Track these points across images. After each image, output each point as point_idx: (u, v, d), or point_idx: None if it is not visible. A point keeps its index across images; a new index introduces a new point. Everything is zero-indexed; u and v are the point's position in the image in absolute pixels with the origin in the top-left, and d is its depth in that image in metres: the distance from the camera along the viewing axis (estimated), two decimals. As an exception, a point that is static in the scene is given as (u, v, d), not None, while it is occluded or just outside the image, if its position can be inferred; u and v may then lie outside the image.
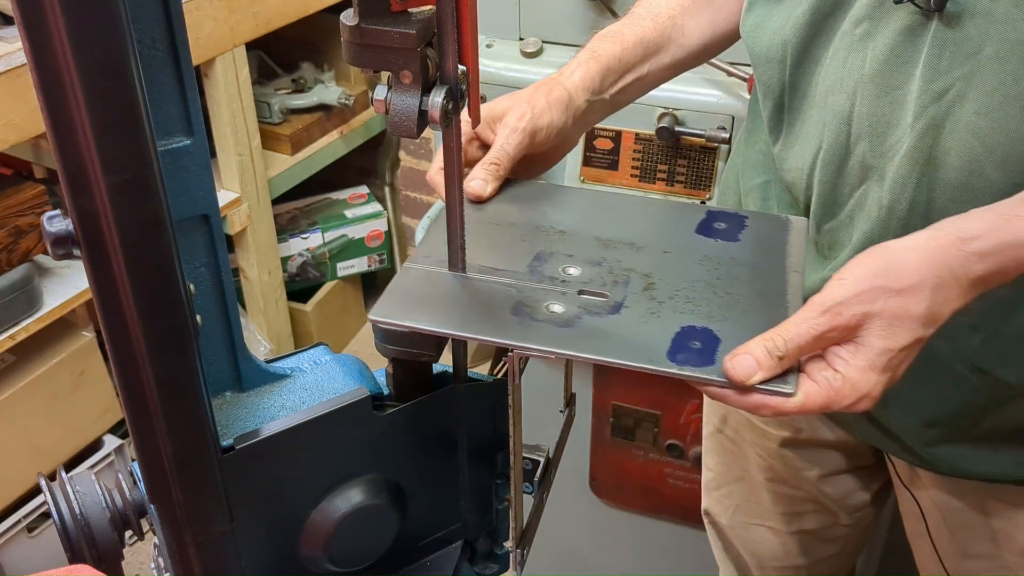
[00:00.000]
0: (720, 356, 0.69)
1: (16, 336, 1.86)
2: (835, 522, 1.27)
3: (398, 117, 0.68)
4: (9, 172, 2.12)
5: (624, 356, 0.70)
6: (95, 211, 0.53)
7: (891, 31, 0.82)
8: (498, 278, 0.78)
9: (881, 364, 0.69)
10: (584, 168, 1.54)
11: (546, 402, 1.04)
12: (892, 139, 0.84)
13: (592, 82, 0.96)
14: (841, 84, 0.86)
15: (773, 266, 0.80)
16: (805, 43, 0.90)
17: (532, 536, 0.85)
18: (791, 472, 1.23)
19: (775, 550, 1.32)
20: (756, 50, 0.95)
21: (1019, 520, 1.03)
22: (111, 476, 1.27)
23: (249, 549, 0.73)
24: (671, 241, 0.83)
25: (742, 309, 0.75)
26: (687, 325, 0.73)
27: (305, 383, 0.81)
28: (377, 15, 0.65)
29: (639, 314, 0.74)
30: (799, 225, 0.86)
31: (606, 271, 0.79)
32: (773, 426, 1.21)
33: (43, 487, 0.72)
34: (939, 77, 0.79)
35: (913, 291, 0.69)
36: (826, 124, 0.88)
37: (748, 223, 0.86)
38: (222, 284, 0.75)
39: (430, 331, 0.73)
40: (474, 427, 0.83)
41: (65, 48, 0.48)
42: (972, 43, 0.77)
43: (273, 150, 2.48)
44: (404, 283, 0.78)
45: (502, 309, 0.74)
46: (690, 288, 0.77)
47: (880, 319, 0.68)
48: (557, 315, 0.74)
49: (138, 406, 0.61)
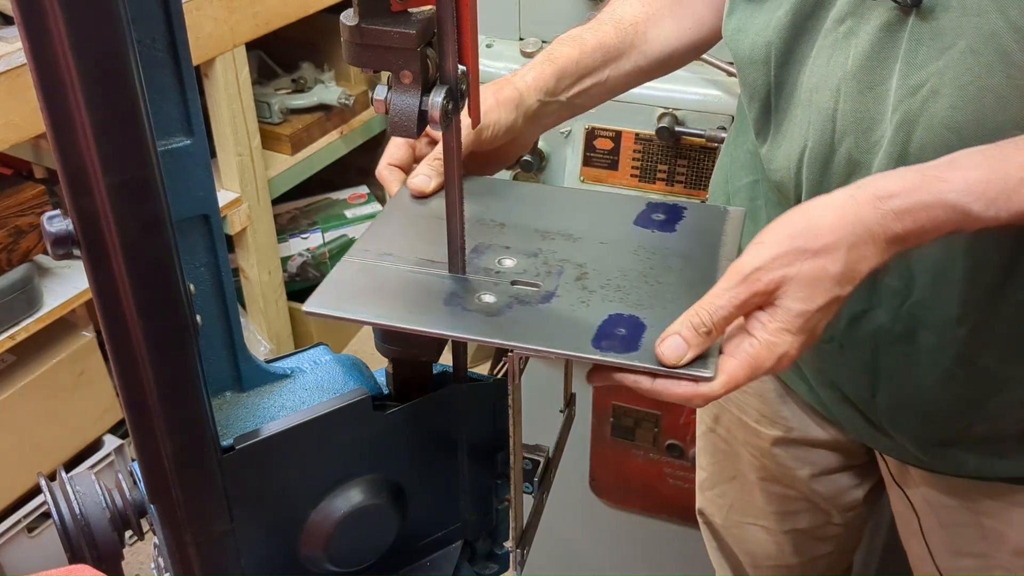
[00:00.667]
0: (645, 342, 0.70)
1: (16, 336, 1.86)
2: (828, 521, 1.27)
3: (398, 117, 0.68)
4: (9, 172, 2.12)
5: (548, 344, 0.71)
6: (95, 211, 0.53)
7: (872, 27, 0.82)
8: (435, 270, 0.79)
9: (797, 326, 0.69)
10: (584, 168, 1.54)
11: (546, 402, 1.04)
12: (876, 135, 0.84)
13: (546, 83, 0.96)
14: (825, 82, 0.87)
15: (706, 255, 0.81)
16: (788, 43, 0.90)
17: (532, 536, 0.85)
18: (783, 471, 1.23)
19: (769, 549, 1.32)
20: (740, 52, 0.96)
21: (1011, 518, 1.03)
22: (111, 476, 1.27)
23: (249, 549, 0.73)
24: (608, 232, 0.85)
25: (671, 297, 0.76)
26: (615, 313, 0.74)
27: (305, 383, 0.81)
28: (377, 15, 0.65)
29: (569, 303, 0.75)
30: (736, 215, 0.87)
31: (541, 262, 0.80)
32: (765, 425, 1.21)
33: (43, 487, 0.72)
34: (915, 72, 0.80)
35: (829, 251, 0.69)
36: (811, 122, 0.89)
37: (686, 214, 0.87)
38: (222, 284, 0.75)
39: (360, 321, 0.75)
40: (474, 427, 0.83)
41: (65, 48, 0.48)
42: (947, 37, 0.78)
43: (273, 150, 2.48)
44: (341, 275, 0.78)
45: (435, 300, 0.76)
46: (622, 277, 0.78)
47: (797, 282, 0.69)
48: (488, 305, 0.75)
49: (138, 406, 0.61)
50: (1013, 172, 0.71)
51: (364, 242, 0.82)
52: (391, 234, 0.84)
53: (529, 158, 1.52)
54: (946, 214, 0.71)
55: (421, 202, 0.88)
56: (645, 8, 1.04)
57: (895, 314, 0.93)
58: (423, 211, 0.87)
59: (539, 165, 1.54)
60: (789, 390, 1.16)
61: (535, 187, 1.05)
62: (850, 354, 0.99)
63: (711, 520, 1.38)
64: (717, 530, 1.39)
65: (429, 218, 0.86)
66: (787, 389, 1.17)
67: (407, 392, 0.81)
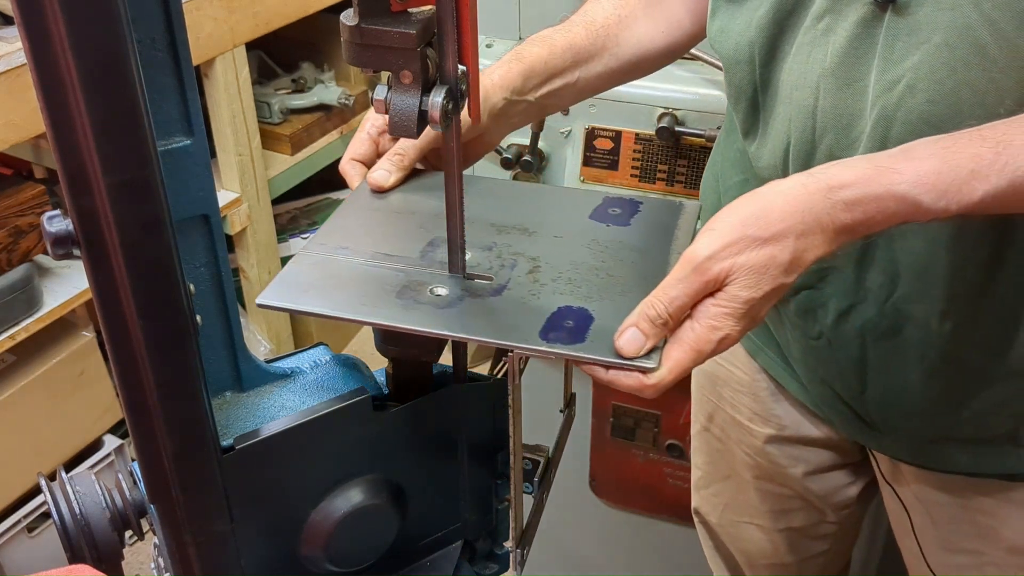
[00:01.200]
0: (591, 334, 0.71)
1: (16, 336, 1.86)
2: (822, 519, 1.28)
3: (398, 117, 0.68)
4: (9, 172, 2.12)
5: (496, 335, 0.72)
6: (95, 211, 0.53)
7: (849, 23, 0.83)
8: (390, 264, 0.79)
9: (741, 312, 0.70)
10: (584, 168, 1.54)
11: (546, 402, 1.04)
12: (856, 131, 0.85)
13: (512, 82, 0.96)
14: (805, 79, 0.87)
15: (659, 249, 0.82)
16: (771, 42, 0.90)
17: (532, 536, 0.85)
18: (777, 469, 1.23)
19: (764, 548, 1.33)
20: (724, 53, 0.96)
21: (1005, 515, 1.03)
22: (111, 476, 1.27)
23: (249, 549, 0.73)
24: (564, 226, 0.85)
25: (620, 289, 0.77)
26: (564, 306, 0.74)
27: (305, 383, 0.81)
28: (377, 15, 0.65)
29: (519, 296, 0.76)
30: (691, 209, 0.88)
31: (495, 255, 0.81)
32: (758, 423, 1.21)
33: (43, 487, 0.72)
34: (892, 67, 0.80)
35: (778, 239, 0.70)
36: (792, 119, 0.89)
37: (642, 208, 0.88)
38: (222, 284, 0.75)
39: (312, 313, 0.75)
40: (474, 427, 0.83)
41: (65, 48, 0.48)
42: (923, 32, 0.78)
43: (273, 150, 2.48)
44: (296, 269, 0.79)
45: (387, 293, 0.76)
46: (573, 271, 0.79)
47: (745, 270, 0.70)
48: (440, 297, 0.76)
49: (138, 406, 0.61)
50: (964, 163, 0.71)
51: (321, 236, 0.83)
52: (349, 228, 0.84)
53: (529, 158, 1.52)
54: (896, 205, 0.71)
55: (380, 197, 0.89)
56: (618, 10, 1.04)
57: (880, 309, 0.93)
58: (382, 205, 0.88)
59: (539, 165, 1.54)
60: (782, 388, 1.17)
61: (495, 182, 1.06)
62: (838, 351, 0.99)
63: (707, 519, 1.39)
64: (713, 529, 1.39)
65: (387, 212, 0.87)
66: (780, 387, 1.17)
67: (407, 392, 0.81)
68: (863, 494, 1.26)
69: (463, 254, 0.78)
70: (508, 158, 1.52)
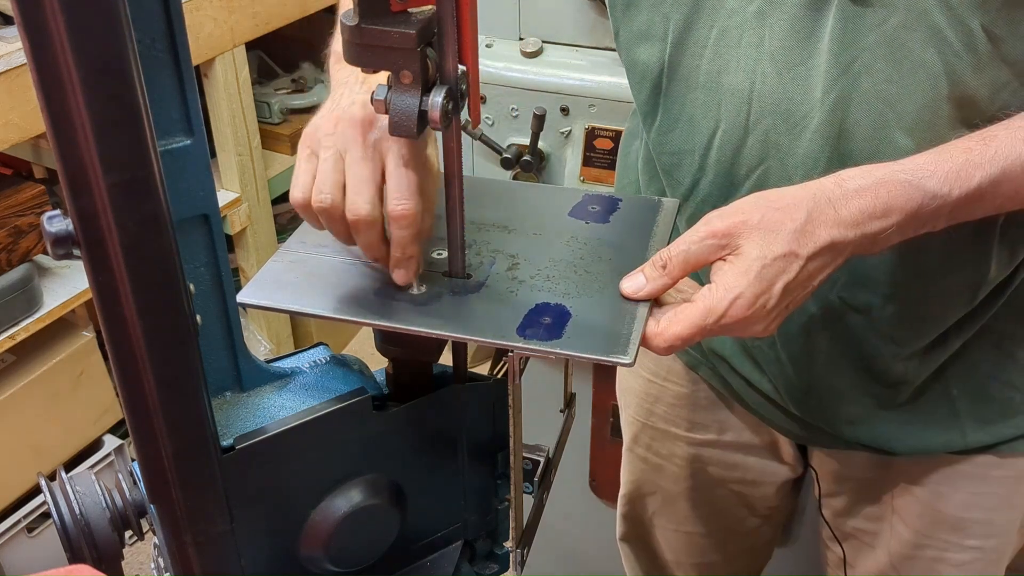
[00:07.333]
0: (568, 331, 0.71)
1: (16, 336, 1.86)
2: (751, 514, 1.30)
3: (398, 117, 0.68)
4: (9, 172, 2.12)
5: (473, 332, 0.72)
6: (95, 211, 0.53)
7: (791, 6, 0.83)
8: (368, 262, 0.79)
9: (755, 270, 0.71)
10: (584, 168, 1.54)
11: (546, 402, 1.04)
12: (798, 115, 0.85)
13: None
14: (738, 64, 0.86)
15: (637, 245, 0.83)
16: (688, 20, 0.89)
17: (532, 536, 0.85)
18: (710, 476, 1.25)
19: (693, 550, 1.35)
20: (635, 28, 0.93)
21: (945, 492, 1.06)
22: (111, 476, 1.27)
23: (249, 549, 0.73)
24: (543, 224, 0.86)
25: (598, 286, 0.77)
26: (542, 302, 0.75)
27: (305, 383, 0.81)
28: (377, 15, 0.65)
29: (498, 293, 0.76)
30: (670, 207, 0.89)
31: (475, 253, 0.81)
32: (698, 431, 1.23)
33: (43, 487, 0.72)
34: (846, 50, 0.81)
35: (790, 208, 0.72)
36: (722, 104, 0.89)
37: (621, 206, 0.89)
38: (222, 284, 0.75)
39: (290, 311, 0.76)
40: (474, 427, 0.83)
41: (65, 48, 0.48)
42: (878, 14, 0.79)
43: (273, 150, 2.48)
44: (275, 267, 0.80)
45: (366, 290, 0.77)
46: (552, 267, 0.79)
47: (758, 229, 0.72)
48: (419, 295, 0.76)
49: (138, 406, 0.61)
50: (958, 155, 0.75)
51: (301, 234, 0.83)
52: None
53: (529, 158, 1.52)
54: (903, 190, 0.74)
55: None
56: None
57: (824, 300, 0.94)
58: None
59: (539, 165, 1.54)
60: (722, 397, 1.18)
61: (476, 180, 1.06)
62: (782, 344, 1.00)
63: (634, 537, 1.41)
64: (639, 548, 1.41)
65: None
66: (719, 396, 1.18)
67: (407, 392, 0.81)
68: (791, 491, 1.28)
69: (463, 254, 0.78)
70: (508, 158, 1.52)
